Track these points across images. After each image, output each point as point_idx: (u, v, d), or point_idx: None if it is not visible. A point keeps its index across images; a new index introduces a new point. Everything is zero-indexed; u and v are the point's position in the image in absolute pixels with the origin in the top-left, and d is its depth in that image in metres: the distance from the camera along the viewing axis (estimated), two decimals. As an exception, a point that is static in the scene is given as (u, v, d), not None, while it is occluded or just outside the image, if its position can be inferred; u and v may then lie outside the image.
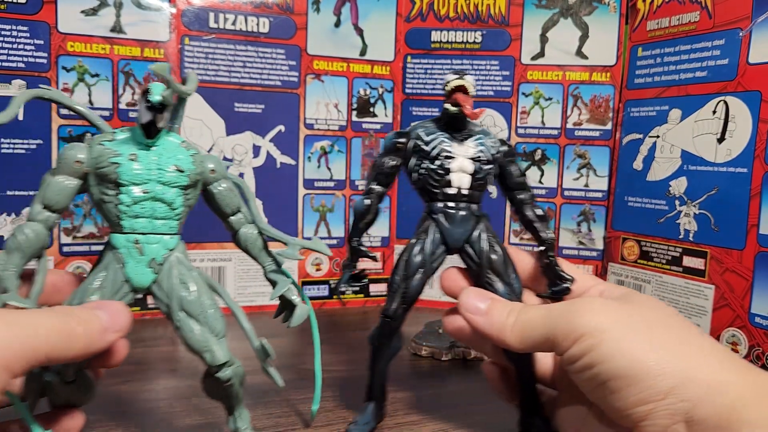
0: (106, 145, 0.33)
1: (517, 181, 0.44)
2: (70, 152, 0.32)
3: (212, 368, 0.35)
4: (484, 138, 0.43)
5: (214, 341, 0.35)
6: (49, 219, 0.33)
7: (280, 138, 0.78)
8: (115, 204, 0.33)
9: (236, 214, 0.37)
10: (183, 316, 0.34)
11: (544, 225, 0.44)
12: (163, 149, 0.33)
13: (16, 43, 0.66)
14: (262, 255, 0.38)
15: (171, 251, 0.34)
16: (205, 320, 0.34)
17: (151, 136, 0.32)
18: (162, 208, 0.33)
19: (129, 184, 0.32)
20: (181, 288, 0.34)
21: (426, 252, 0.42)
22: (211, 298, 0.35)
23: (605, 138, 0.79)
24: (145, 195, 0.33)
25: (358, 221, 0.43)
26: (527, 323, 0.35)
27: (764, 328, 0.60)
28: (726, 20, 0.65)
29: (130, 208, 0.33)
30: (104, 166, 0.32)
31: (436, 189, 0.42)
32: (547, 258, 0.43)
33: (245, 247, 0.38)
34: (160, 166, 0.33)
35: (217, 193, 0.36)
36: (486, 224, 0.43)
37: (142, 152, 0.33)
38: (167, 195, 0.33)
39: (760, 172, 0.61)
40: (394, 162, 0.43)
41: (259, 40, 0.76)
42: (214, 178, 0.35)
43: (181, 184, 0.34)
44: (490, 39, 0.80)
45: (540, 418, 0.43)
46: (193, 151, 0.35)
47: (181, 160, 0.34)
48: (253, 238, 0.38)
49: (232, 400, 0.38)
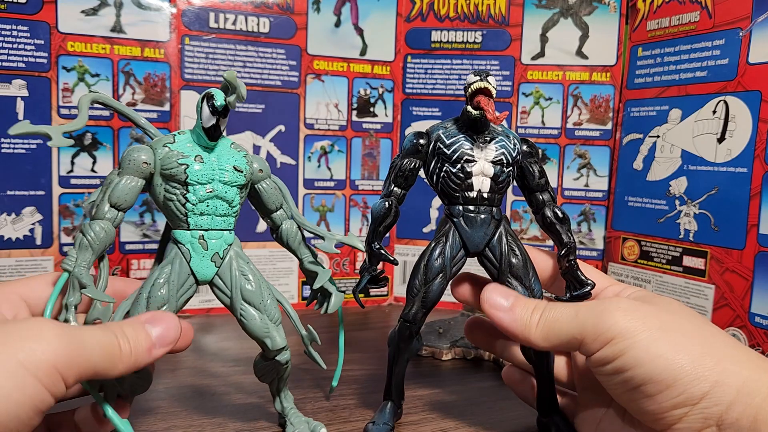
0: (171, 147, 0.35)
1: (538, 183, 0.44)
2: (137, 155, 0.34)
3: (272, 352, 0.38)
4: (505, 140, 0.42)
5: (273, 327, 0.38)
6: (117, 217, 0.34)
7: (280, 138, 0.78)
8: (183, 203, 0.35)
9: (279, 210, 0.40)
10: (245, 305, 0.37)
11: (565, 227, 0.43)
12: (220, 151, 0.36)
13: (16, 43, 0.66)
14: (301, 248, 0.42)
15: (230, 246, 0.37)
16: (265, 308, 0.37)
17: (214, 138, 0.35)
18: (223, 206, 0.36)
19: (196, 184, 0.35)
20: (242, 279, 0.37)
21: (446, 256, 0.41)
22: (269, 287, 0.38)
23: (605, 138, 0.79)
24: (210, 194, 0.35)
25: (377, 224, 0.42)
26: (554, 322, 0.35)
27: (764, 328, 0.60)
28: (726, 20, 0.65)
29: (197, 206, 0.35)
30: (172, 167, 0.34)
31: (456, 192, 0.41)
32: (568, 261, 0.42)
33: (286, 240, 0.41)
34: (221, 167, 0.36)
35: (263, 191, 0.39)
36: (506, 227, 0.42)
37: (205, 154, 0.35)
38: (228, 193, 0.36)
39: (760, 172, 0.61)
40: (413, 164, 0.42)
41: (260, 40, 0.76)
42: (261, 176, 0.39)
43: (239, 183, 0.37)
44: (491, 39, 0.80)
45: (560, 417, 0.43)
46: (244, 152, 0.38)
47: (238, 160, 0.36)
48: (294, 232, 0.41)
49: (281, 383, 0.42)
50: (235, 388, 0.52)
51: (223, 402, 0.49)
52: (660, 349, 0.31)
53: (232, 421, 0.45)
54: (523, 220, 0.82)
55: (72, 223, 0.69)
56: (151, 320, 0.32)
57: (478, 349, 0.62)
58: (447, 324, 0.69)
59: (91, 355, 0.28)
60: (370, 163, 0.83)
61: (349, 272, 0.83)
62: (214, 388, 0.52)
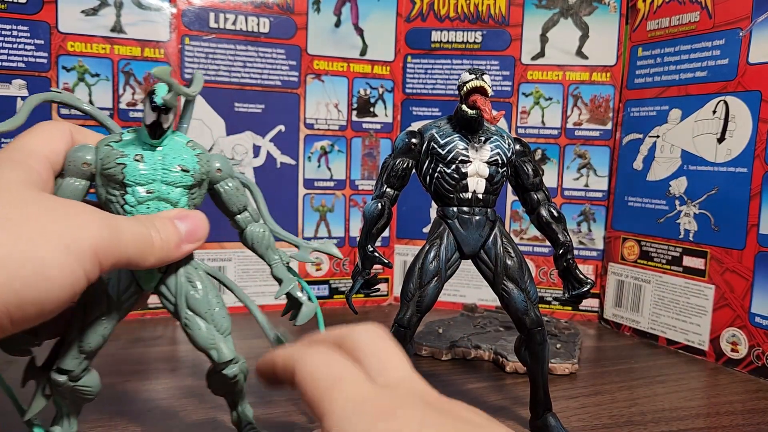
0: (114, 146, 0.33)
1: (532, 182, 0.43)
2: (78, 154, 0.32)
3: (219, 365, 0.35)
4: (500, 140, 0.41)
5: (220, 339, 0.35)
6: None
7: (280, 138, 0.78)
8: (121, 204, 0.33)
9: (242, 212, 0.37)
10: (190, 314, 0.34)
11: (561, 226, 0.43)
12: (169, 149, 0.34)
13: (16, 43, 0.66)
14: (269, 253, 0.38)
15: None
16: (212, 318, 0.35)
17: (156, 136, 0.32)
18: (167, 208, 0.33)
19: (134, 185, 0.32)
20: (188, 286, 0.35)
21: (441, 259, 0.41)
22: (218, 296, 0.35)
23: (605, 138, 0.79)
24: (150, 195, 0.33)
25: (369, 226, 0.41)
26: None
27: (764, 328, 0.60)
28: (726, 20, 0.65)
29: (135, 208, 0.33)
30: (111, 167, 0.32)
31: (450, 193, 0.41)
32: (565, 261, 0.42)
33: (251, 245, 0.37)
34: (165, 166, 0.33)
35: (223, 192, 0.36)
36: (501, 228, 0.42)
37: (147, 152, 0.33)
38: (172, 195, 0.33)
39: (760, 172, 0.61)
40: (406, 164, 0.41)
41: (260, 40, 0.76)
42: (220, 177, 0.35)
43: (185, 184, 0.34)
44: (490, 39, 0.80)
45: (554, 417, 0.43)
46: (199, 150, 0.35)
47: (186, 159, 0.34)
48: (259, 235, 0.37)
49: (236, 396, 0.38)
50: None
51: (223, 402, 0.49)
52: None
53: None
54: (523, 221, 0.82)
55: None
56: (180, 217, 0.32)
57: (478, 350, 0.62)
58: (446, 324, 0.69)
59: (127, 246, 0.28)
60: (370, 163, 0.83)
61: (349, 272, 0.83)
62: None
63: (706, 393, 0.57)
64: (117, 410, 0.47)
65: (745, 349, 0.62)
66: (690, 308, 0.68)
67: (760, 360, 0.60)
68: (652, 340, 0.72)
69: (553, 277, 0.81)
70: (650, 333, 0.72)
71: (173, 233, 0.31)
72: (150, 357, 0.60)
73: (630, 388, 0.56)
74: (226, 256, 0.76)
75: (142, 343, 0.64)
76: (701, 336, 0.66)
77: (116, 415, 0.46)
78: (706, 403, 0.54)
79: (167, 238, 0.31)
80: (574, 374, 0.60)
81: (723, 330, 0.64)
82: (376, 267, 0.43)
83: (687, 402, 0.54)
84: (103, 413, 0.46)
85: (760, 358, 0.60)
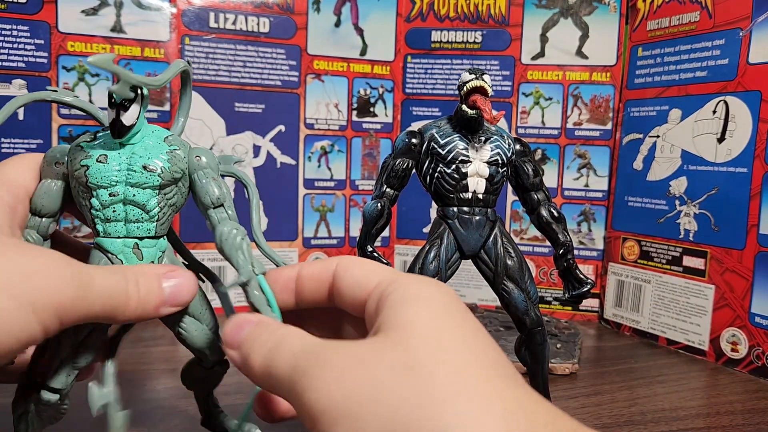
0: (83, 146, 0.30)
1: (532, 182, 0.43)
2: (51, 154, 0.31)
3: (211, 362, 0.36)
4: (500, 140, 0.41)
5: (214, 336, 0.34)
6: (41, 225, 0.31)
7: (280, 138, 0.78)
8: (88, 208, 0.30)
9: (217, 207, 0.32)
10: (185, 315, 0.33)
11: (561, 226, 0.43)
12: (139, 147, 0.31)
13: (16, 43, 0.66)
14: (236, 255, 0.31)
15: (163, 253, 0.32)
16: (203, 317, 0.34)
17: (118, 135, 0.30)
18: (134, 211, 0.30)
19: (98, 188, 0.30)
20: None
21: (441, 259, 0.41)
22: (204, 297, 0.34)
23: (605, 138, 0.79)
24: (114, 198, 0.30)
25: (369, 226, 0.41)
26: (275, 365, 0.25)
27: (764, 328, 0.60)
28: (726, 20, 0.65)
29: (102, 212, 0.30)
30: (76, 169, 0.30)
31: (451, 193, 0.41)
32: (566, 261, 0.42)
33: (220, 245, 0.31)
34: (129, 167, 0.30)
35: (197, 181, 0.32)
36: (501, 228, 0.42)
37: (113, 153, 0.30)
38: (138, 197, 0.30)
39: (760, 172, 0.61)
40: (406, 164, 0.41)
41: (260, 40, 0.76)
42: (198, 165, 0.32)
43: (152, 185, 0.30)
44: (490, 39, 0.80)
45: None
46: (175, 146, 0.31)
47: (154, 158, 0.30)
48: (231, 236, 0.31)
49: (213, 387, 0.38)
50: (234, 388, 0.52)
51: (223, 402, 0.49)
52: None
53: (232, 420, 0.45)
54: (523, 221, 0.82)
55: (72, 223, 0.69)
56: (168, 275, 0.29)
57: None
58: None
59: (95, 302, 0.26)
60: (370, 163, 0.83)
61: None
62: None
63: (706, 393, 0.57)
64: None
65: (745, 349, 0.62)
66: (690, 308, 0.68)
67: (760, 360, 0.60)
68: (652, 340, 0.72)
69: (553, 277, 0.81)
70: (650, 333, 0.72)
71: (155, 293, 0.28)
72: (150, 357, 0.60)
73: (630, 388, 0.56)
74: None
75: (142, 343, 0.64)
76: (701, 336, 0.66)
77: (116, 415, 0.46)
78: (706, 403, 0.54)
79: (146, 298, 0.28)
80: (574, 374, 0.60)
81: (723, 330, 0.64)
82: None
83: (687, 402, 0.54)
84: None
85: (760, 358, 0.60)
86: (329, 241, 0.82)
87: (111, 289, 0.27)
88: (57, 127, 0.69)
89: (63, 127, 0.69)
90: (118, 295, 0.27)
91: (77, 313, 0.26)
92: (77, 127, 0.70)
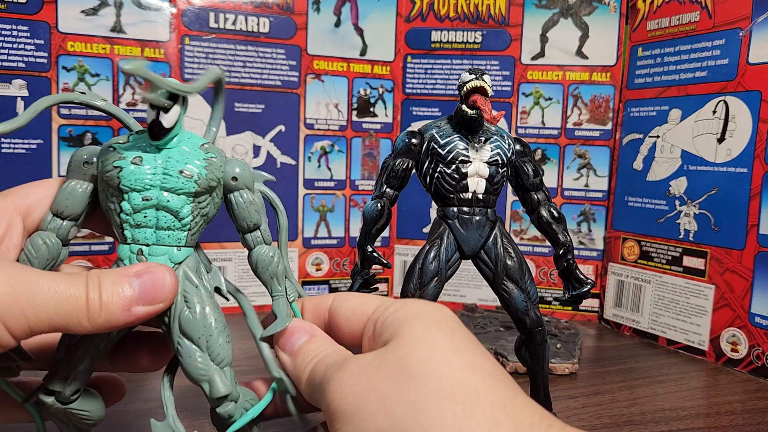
0: (117, 147, 0.29)
1: (533, 182, 0.43)
2: (79, 154, 0.30)
3: (213, 401, 0.31)
4: (500, 140, 0.41)
5: (215, 370, 0.31)
6: (62, 227, 0.29)
7: (280, 138, 0.78)
8: (117, 212, 0.29)
9: (253, 231, 0.32)
10: (183, 339, 0.30)
11: (561, 226, 0.43)
12: (176, 152, 0.30)
13: (16, 43, 0.66)
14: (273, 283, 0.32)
15: (178, 264, 0.30)
16: (207, 345, 0.30)
17: (156, 137, 0.29)
18: (166, 218, 0.29)
19: (130, 191, 0.29)
20: (182, 305, 0.30)
21: (441, 259, 0.41)
22: (220, 322, 0.31)
23: (605, 138, 0.79)
24: (147, 203, 0.29)
25: (369, 227, 0.41)
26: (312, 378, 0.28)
27: (764, 328, 0.60)
28: (726, 20, 0.65)
29: (131, 216, 0.29)
30: (108, 170, 0.29)
31: (451, 194, 0.41)
32: (566, 261, 0.42)
33: (255, 268, 0.32)
34: (165, 171, 0.29)
35: (234, 204, 0.31)
36: (501, 229, 0.42)
37: (148, 155, 0.29)
38: (172, 203, 0.29)
39: (760, 172, 0.61)
40: (406, 164, 0.41)
41: (259, 40, 0.76)
42: (235, 186, 0.31)
43: (187, 191, 0.29)
44: (490, 39, 0.80)
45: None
46: (212, 154, 0.30)
47: (192, 164, 0.29)
48: (266, 260, 0.32)
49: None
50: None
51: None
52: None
53: (232, 421, 0.45)
54: (523, 221, 0.82)
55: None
56: (138, 273, 0.27)
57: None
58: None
59: (43, 308, 0.24)
60: (370, 163, 0.83)
61: (348, 272, 0.83)
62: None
63: (706, 393, 0.57)
64: (117, 410, 0.47)
65: (745, 349, 0.62)
66: (690, 308, 0.68)
67: (760, 360, 0.60)
68: (652, 340, 0.72)
69: (553, 277, 0.81)
70: (650, 333, 0.72)
71: (122, 293, 0.26)
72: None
73: (630, 388, 0.56)
74: (227, 256, 0.76)
75: (142, 343, 0.64)
76: (701, 336, 0.66)
77: (116, 415, 0.46)
78: (706, 403, 0.54)
79: (110, 300, 0.26)
80: (574, 374, 0.60)
81: (723, 330, 0.64)
82: (375, 267, 0.43)
83: (687, 402, 0.54)
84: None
85: (760, 358, 0.60)
86: (329, 241, 0.82)
87: (61, 294, 0.25)
88: (57, 128, 0.69)
89: (63, 127, 0.69)
90: (70, 299, 0.25)
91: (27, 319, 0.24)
92: (77, 127, 0.70)
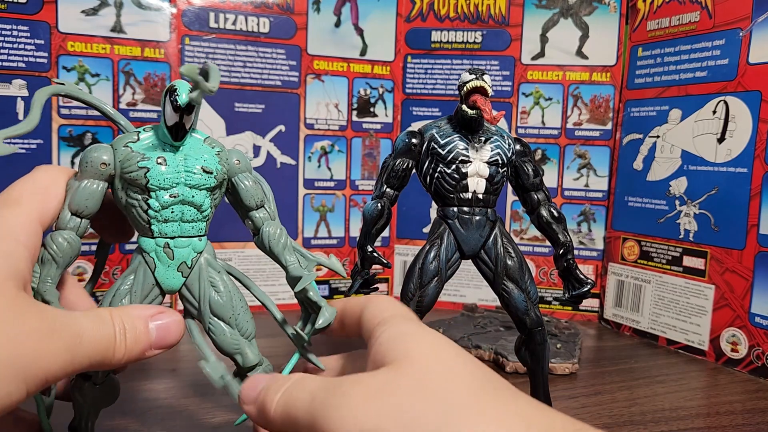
0: (132, 147, 0.31)
1: (533, 182, 0.43)
2: (95, 154, 0.31)
3: (243, 370, 0.35)
4: (500, 140, 0.41)
5: (245, 343, 0.34)
6: (81, 225, 0.31)
7: (280, 138, 0.78)
8: (145, 209, 0.31)
9: (260, 208, 0.35)
10: (214, 319, 0.34)
11: (561, 226, 0.43)
12: (189, 149, 0.32)
13: (16, 43, 0.66)
14: (285, 254, 0.35)
15: (200, 254, 0.34)
16: (236, 322, 0.34)
17: (179, 138, 0.31)
18: (191, 211, 0.32)
19: (158, 189, 0.31)
20: (211, 291, 0.34)
21: (441, 259, 0.41)
22: (242, 300, 0.35)
23: (605, 138, 0.79)
24: (175, 199, 0.31)
25: (369, 226, 0.41)
26: (292, 404, 0.27)
27: (764, 328, 0.60)
28: (726, 20, 0.65)
29: (160, 213, 0.32)
30: (132, 171, 0.31)
31: (451, 193, 0.41)
32: (566, 261, 0.42)
33: (268, 244, 0.35)
34: (187, 169, 0.32)
35: (242, 186, 0.34)
36: (501, 229, 0.42)
37: (169, 155, 0.31)
38: (196, 198, 0.32)
39: (760, 172, 0.61)
40: (406, 164, 0.41)
41: (260, 40, 0.76)
42: (239, 169, 0.34)
43: (208, 186, 0.33)
44: (490, 39, 0.80)
45: None
46: (218, 148, 0.33)
47: (207, 160, 0.32)
48: (277, 235, 0.35)
49: None
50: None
51: (224, 402, 0.49)
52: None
53: (233, 420, 0.45)
54: (523, 221, 0.82)
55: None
56: (156, 317, 0.30)
57: (478, 349, 0.62)
58: (447, 324, 0.69)
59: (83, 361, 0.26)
60: (370, 163, 0.83)
61: (349, 272, 0.83)
62: (215, 387, 0.52)
63: (706, 393, 0.57)
64: (117, 410, 0.47)
65: (745, 349, 0.62)
66: (690, 308, 0.68)
67: (760, 360, 0.60)
68: (652, 340, 0.72)
69: (553, 277, 0.81)
70: (650, 333, 0.72)
71: (142, 339, 0.29)
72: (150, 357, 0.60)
73: (630, 388, 0.56)
74: (227, 256, 0.76)
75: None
76: (701, 336, 0.66)
77: (117, 415, 0.46)
78: (706, 403, 0.54)
79: (133, 343, 0.28)
80: (574, 374, 0.60)
81: (723, 330, 0.64)
82: (375, 267, 0.43)
83: (687, 402, 0.54)
84: (103, 413, 0.46)
85: (760, 358, 0.60)
86: (329, 241, 0.82)
87: (99, 343, 0.27)
88: (57, 127, 0.69)
89: (63, 127, 0.69)
90: (105, 348, 0.27)
91: (66, 374, 0.25)
92: (77, 127, 0.70)
